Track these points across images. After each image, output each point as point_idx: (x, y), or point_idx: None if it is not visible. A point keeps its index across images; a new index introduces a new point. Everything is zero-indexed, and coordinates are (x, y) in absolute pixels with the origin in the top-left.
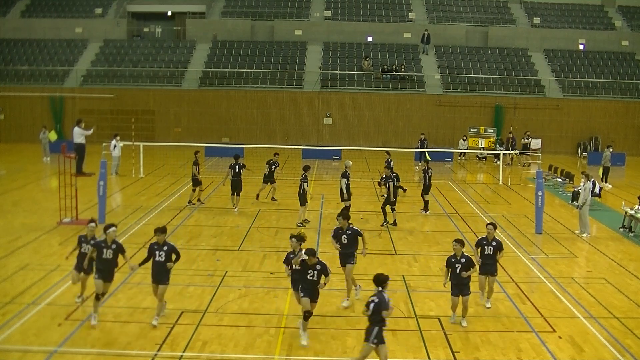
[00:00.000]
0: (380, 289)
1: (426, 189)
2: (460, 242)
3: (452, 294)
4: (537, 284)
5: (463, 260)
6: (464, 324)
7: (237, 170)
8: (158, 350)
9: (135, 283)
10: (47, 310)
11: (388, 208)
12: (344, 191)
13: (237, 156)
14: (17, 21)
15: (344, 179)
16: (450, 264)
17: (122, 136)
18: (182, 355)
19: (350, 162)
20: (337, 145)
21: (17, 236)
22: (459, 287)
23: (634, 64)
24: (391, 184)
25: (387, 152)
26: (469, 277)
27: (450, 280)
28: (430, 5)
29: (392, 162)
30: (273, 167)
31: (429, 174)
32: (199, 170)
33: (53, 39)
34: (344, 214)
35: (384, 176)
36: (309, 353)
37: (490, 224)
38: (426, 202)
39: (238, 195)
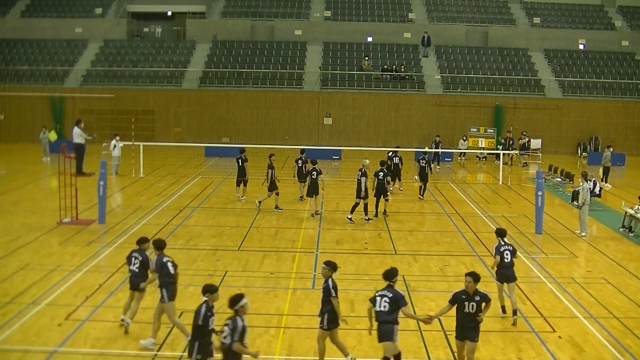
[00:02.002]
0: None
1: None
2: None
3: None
4: (537, 284)
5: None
6: None
7: (240, 164)
8: (158, 350)
9: None
10: (47, 310)
11: (382, 201)
12: (362, 189)
13: (242, 150)
14: (17, 21)
15: (364, 178)
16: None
17: (122, 136)
18: (182, 356)
19: (368, 161)
20: (337, 145)
21: (17, 236)
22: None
23: (634, 64)
24: (375, 178)
25: (393, 151)
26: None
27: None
28: (430, 5)
29: (395, 159)
30: (303, 165)
31: (422, 164)
32: (274, 174)
33: (53, 39)
34: (156, 242)
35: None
36: (309, 353)
37: (470, 275)
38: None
39: (245, 185)
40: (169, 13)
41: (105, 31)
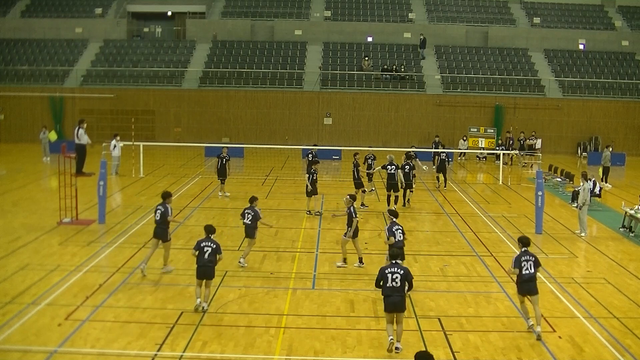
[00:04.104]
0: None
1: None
2: None
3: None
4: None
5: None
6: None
7: (223, 162)
8: (158, 350)
9: (135, 283)
10: (47, 310)
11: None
12: (397, 181)
13: (224, 149)
14: (17, 21)
15: (398, 171)
16: None
17: (122, 136)
18: (182, 355)
19: (393, 156)
20: (337, 145)
21: (17, 236)
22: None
23: (634, 64)
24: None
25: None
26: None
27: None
28: (430, 5)
29: (373, 161)
30: (356, 169)
31: (442, 157)
32: (359, 173)
33: (53, 39)
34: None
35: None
36: (309, 353)
37: (416, 357)
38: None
39: (222, 183)
40: (169, 13)
41: (105, 31)
